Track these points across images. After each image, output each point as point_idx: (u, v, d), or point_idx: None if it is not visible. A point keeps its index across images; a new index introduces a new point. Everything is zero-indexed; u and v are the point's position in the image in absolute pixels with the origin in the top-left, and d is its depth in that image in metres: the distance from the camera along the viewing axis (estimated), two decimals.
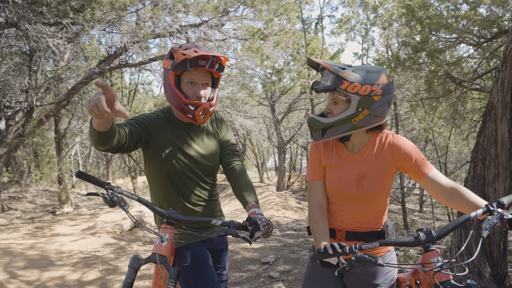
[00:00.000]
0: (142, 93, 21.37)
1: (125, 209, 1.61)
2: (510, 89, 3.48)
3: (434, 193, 1.70)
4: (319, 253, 1.43)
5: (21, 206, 9.98)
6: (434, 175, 1.68)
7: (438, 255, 1.49)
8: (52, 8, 7.15)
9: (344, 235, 1.79)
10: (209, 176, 2.05)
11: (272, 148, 31.44)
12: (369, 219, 1.78)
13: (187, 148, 1.96)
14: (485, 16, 6.38)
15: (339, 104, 1.68)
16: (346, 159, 1.78)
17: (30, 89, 10.59)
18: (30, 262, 5.07)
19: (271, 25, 10.73)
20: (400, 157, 1.70)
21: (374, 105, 1.62)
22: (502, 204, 1.45)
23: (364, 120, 1.64)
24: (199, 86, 1.85)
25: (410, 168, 1.70)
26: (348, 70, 1.63)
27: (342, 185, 1.76)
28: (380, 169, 1.72)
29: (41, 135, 16.51)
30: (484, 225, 1.38)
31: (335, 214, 1.82)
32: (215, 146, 2.09)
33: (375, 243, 1.44)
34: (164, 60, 1.90)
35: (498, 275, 3.66)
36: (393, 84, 1.70)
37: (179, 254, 1.92)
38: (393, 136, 1.75)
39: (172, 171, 1.92)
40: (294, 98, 18.00)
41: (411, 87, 10.15)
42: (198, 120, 1.86)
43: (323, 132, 1.70)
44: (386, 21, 9.22)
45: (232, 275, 4.79)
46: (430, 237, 1.42)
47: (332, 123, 1.67)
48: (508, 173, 3.57)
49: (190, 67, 1.78)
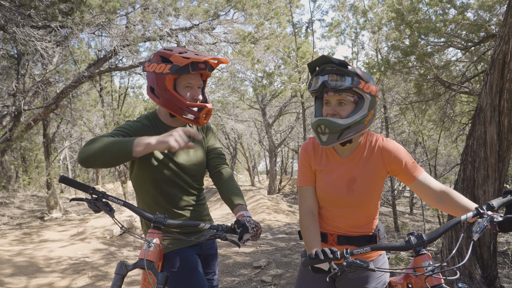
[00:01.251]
0: (132, 97, 21.27)
1: (111, 214, 1.57)
2: (498, 92, 3.53)
3: (424, 196, 1.69)
4: (311, 258, 1.41)
5: (8, 212, 9.82)
6: (424, 179, 1.68)
7: (430, 259, 1.49)
8: (40, 11, 7.07)
9: (336, 240, 1.79)
10: (196, 181, 2.04)
11: (263, 151, 31.49)
12: (360, 223, 1.78)
13: (174, 154, 1.93)
14: (472, 20, 6.48)
15: (347, 105, 1.64)
16: (336, 163, 1.77)
17: (17, 93, 10.46)
18: (18, 269, 4.98)
19: (261, 29, 10.76)
20: (390, 160, 1.70)
21: (376, 106, 1.66)
22: (492, 207, 1.45)
23: (370, 121, 1.67)
24: (196, 89, 1.86)
25: (400, 172, 1.70)
26: (358, 69, 1.63)
27: (333, 190, 1.75)
28: (371, 173, 1.72)
29: (29, 140, 16.29)
30: (475, 228, 1.38)
31: (327, 218, 1.82)
32: (201, 151, 2.08)
33: (367, 247, 1.42)
34: (151, 64, 1.84)
35: (489, 277, 3.69)
36: None
37: (168, 259, 1.90)
38: (383, 139, 1.75)
39: (159, 178, 1.90)
40: (285, 102, 18.05)
41: (400, 90, 10.25)
42: (201, 122, 1.88)
43: (341, 134, 1.63)
44: (376, 25, 9.32)
45: (224, 280, 4.75)
46: (421, 241, 1.41)
47: (349, 124, 1.61)
48: (497, 175, 3.61)
49: (192, 70, 1.78)
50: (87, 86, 15.93)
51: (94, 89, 17.56)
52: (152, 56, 1.88)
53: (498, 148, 3.59)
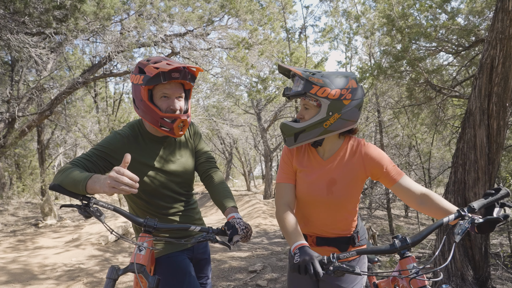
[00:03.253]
0: (127, 103, 21.22)
1: (101, 219, 1.59)
2: (487, 96, 3.59)
3: (405, 199, 1.73)
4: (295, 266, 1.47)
5: (2, 219, 9.75)
6: (404, 182, 1.71)
7: (414, 261, 1.52)
8: (34, 18, 7.08)
9: (315, 241, 1.84)
10: (184, 188, 2.05)
11: (258, 156, 31.47)
12: (338, 225, 1.82)
13: (160, 164, 1.93)
14: (463, 25, 6.58)
15: (310, 109, 1.72)
16: (316, 164, 1.81)
17: (12, 100, 10.43)
18: (12, 277, 4.96)
19: (255, 35, 10.82)
20: (371, 165, 1.74)
21: (344, 109, 1.66)
22: (472, 209, 1.48)
23: (335, 124, 1.68)
24: (173, 100, 1.82)
25: (381, 175, 1.74)
26: (317, 75, 1.67)
27: (312, 190, 1.79)
28: (350, 176, 1.76)
29: (23, 146, 16.20)
30: (456, 230, 1.41)
31: (306, 219, 1.86)
32: (189, 158, 2.07)
33: (352, 251, 1.46)
34: (131, 75, 1.85)
35: (481, 278, 3.73)
36: (362, 88, 1.75)
37: (159, 264, 1.91)
38: (364, 144, 1.78)
39: (146, 189, 1.90)
40: (279, 107, 18.11)
41: (394, 94, 10.33)
42: (176, 133, 1.83)
43: (296, 137, 1.73)
44: (368, 30, 9.41)
45: (219, 285, 4.76)
46: (405, 244, 1.45)
47: (303, 128, 1.70)
48: (487, 177, 3.67)
49: (164, 80, 1.74)
50: (81, 92, 15.90)
51: (88, 95, 17.53)
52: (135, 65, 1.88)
53: (488, 150, 3.64)
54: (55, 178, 1.66)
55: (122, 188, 1.42)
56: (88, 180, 1.54)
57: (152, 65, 1.75)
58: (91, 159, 1.77)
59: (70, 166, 1.69)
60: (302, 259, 1.47)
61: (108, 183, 1.43)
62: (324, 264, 1.44)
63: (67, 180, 1.60)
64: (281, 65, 1.76)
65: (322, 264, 1.45)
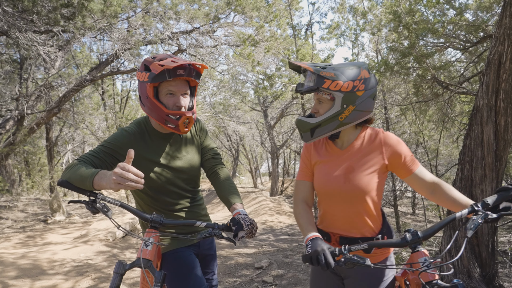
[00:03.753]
0: (134, 100, 21.32)
1: (108, 215, 1.61)
2: (494, 93, 3.56)
3: (418, 188, 1.73)
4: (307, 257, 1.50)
5: (12, 215, 9.89)
6: (419, 172, 1.70)
7: (425, 255, 1.51)
8: (42, 16, 7.14)
9: (338, 240, 1.80)
10: (190, 184, 2.06)
11: (265, 153, 31.46)
12: (359, 223, 1.76)
13: (166, 160, 1.95)
14: (471, 21, 6.51)
15: (324, 103, 1.71)
16: (334, 154, 1.81)
17: (20, 97, 10.54)
18: (22, 272, 5.03)
19: (261, 32, 10.81)
20: (390, 152, 1.71)
21: (358, 100, 1.65)
22: (487, 204, 1.47)
23: (350, 116, 1.67)
24: (178, 97, 1.83)
25: (399, 165, 1.72)
26: (328, 69, 1.66)
27: (329, 180, 1.77)
28: (368, 164, 1.73)
29: (32, 144, 16.38)
30: (469, 225, 1.40)
31: (327, 215, 1.84)
32: (195, 154, 2.09)
33: (364, 244, 1.48)
34: (137, 72, 1.86)
35: (488, 275, 3.71)
36: (375, 77, 1.73)
37: (166, 259, 1.93)
38: (383, 133, 1.76)
39: (152, 185, 1.92)
40: (286, 103, 18.07)
41: (401, 91, 10.26)
42: (181, 130, 1.84)
43: (312, 132, 1.73)
44: (375, 26, 9.34)
45: (225, 281, 4.79)
46: (416, 238, 1.45)
47: (319, 123, 1.69)
48: (494, 174, 3.64)
49: (169, 77, 1.75)
50: (89, 89, 16.00)
51: (96, 92, 17.64)
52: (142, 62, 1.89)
53: (495, 147, 3.61)
54: (63, 174, 1.68)
55: (127, 184, 1.44)
56: (94, 176, 1.56)
57: (157, 62, 1.76)
58: (98, 156, 1.79)
59: (78, 162, 1.71)
60: (314, 250, 1.50)
61: (113, 179, 1.45)
62: (336, 256, 1.47)
63: (75, 176, 1.63)
64: (292, 62, 1.75)
65: (333, 255, 1.47)
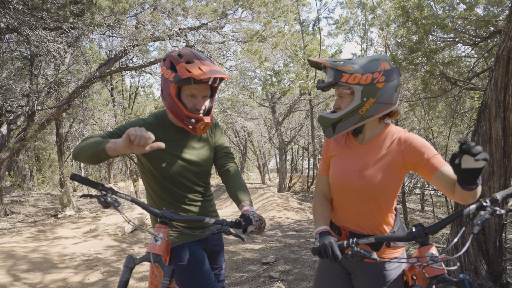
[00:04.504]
0: (143, 96, 21.47)
1: (119, 209, 1.64)
2: (503, 89, 3.53)
3: (443, 189, 1.58)
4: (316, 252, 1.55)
5: (23, 210, 10.06)
6: (445, 171, 1.56)
7: (433, 250, 1.51)
8: (52, 13, 7.22)
9: (348, 235, 1.79)
10: (202, 179, 2.09)
11: (273, 149, 31.48)
12: (371, 221, 1.74)
13: (179, 152, 1.99)
14: (481, 15, 6.42)
15: (345, 98, 1.69)
16: (353, 148, 1.79)
17: (31, 94, 10.67)
18: (33, 265, 5.13)
19: (269, 27, 10.79)
20: (410, 152, 1.65)
21: (379, 93, 1.62)
22: (495, 200, 1.45)
23: (371, 109, 1.64)
24: (199, 99, 1.88)
25: (420, 165, 1.62)
26: (347, 63, 1.65)
27: (344, 174, 1.76)
28: (386, 162, 1.69)
29: (42, 139, 16.60)
30: (476, 221, 1.38)
31: (340, 210, 1.84)
32: (208, 150, 2.12)
33: (371, 238, 1.50)
34: (162, 66, 1.90)
35: (495, 272, 3.70)
36: (397, 69, 1.68)
37: (174, 254, 1.96)
38: (406, 132, 1.72)
39: (164, 175, 1.96)
40: (294, 99, 18.04)
41: (410, 86, 10.18)
42: (198, 132, 1.92)
43: (334, 127, 1.72)
44: (384, 21, 9.27)
45: (232, 276, 4.83)
46: (422, 232, 1.46)
47: (340, 117, 1.68)
48: (502, 171, 3.61)
49: (194, 83, 1.79)
50: (98, 86, 16.16)
51: (105, 88, 17.80)
52: (166, 56, 1.91)
53: (503, 144, 3.58)
54: (77, 145, 1.73)
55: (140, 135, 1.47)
56: (108, 141, 1.60)
57: (185, 65, 1.79)
58: (112, 136, 1.83)
59: (91, 136, 1.77)
60: (322, 243, 1.53)
61: (124, 137, 1.49)
62: (344, 249, 1.49)
63: (87, 144, 1.66)
64: (311, 59, 1.75)
65: (341, 248, 1.50)
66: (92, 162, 1.67)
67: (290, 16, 11.64)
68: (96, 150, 1.60)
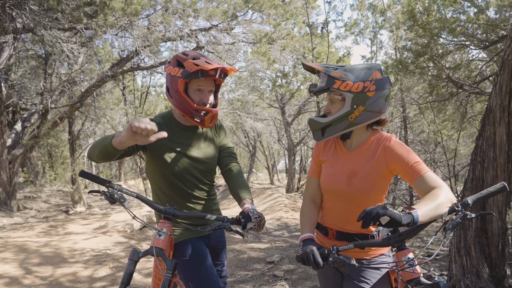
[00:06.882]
0: (154, 95, 21.67)
1: (124, 205, 1.73)
2: (508, 93, 3.54)
3: (421, 195, 1.61)
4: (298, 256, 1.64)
5: (36, 206, 10.27)
6: (426, 177, 1.59)
7: (409, 254, 1.56)
8: (66, 14, 7.41)
9: (335, 235, 1.86)
10: (207, 177, 2.16)
11: (282, 150, 31.48)
12: (355, 219, 1.77)
13: (186, 150, 2.06)
14: (492, 19, 6.39)
15: (336, 104, 1.75)
16: (341, 155, 1.86)
17: (45, 92, 10.90)
18: (44, 259, 5.26)
19: (278, 29, 10.85)
20: (392, 159, 1.71)
21: (368, 101, 1.67)
22: (467, 204, 1.48)
23: (360, 117, 1.70)
24: (206, 93, 1.97)
25: (401, 171, 1.68)
26: (339, 70, 1.70)
27: (333, 180, 1.83)
28: (372, 169, 1.75)
29: (55, 137, 16.87)
30: (448, 225, 1.43)
31: (327, 212, 1.91)
32: (213, 149, 2.19)
33: (350, 244, 1.55)
34: (168, 66, 1.99)
35: (497, 276, 3.71)
36: (388, 79, 1.73)
37: (178, 249, 2.03)
38: (390, 140, 1.75)
39: (170, 173, 2.03)
40: (303, 101, 18.06)
41: (419, 89, 10.15)
42: (206, 125, 2.00)
43: (323, 131, 1.79)
44: (394, 24, 9.27)
45: (237, 274, 4.91)
46: (397, 237, 1.51)
47: (329, 122, 1.75)
48: (506, 175, 3.63)
49: (202, 76, 1.88)
50: (110, 85, 16.37)
51: (117, 88, 18.03)
52: (171, 57, 2.01)
53: (507, 148, 3.60)
54: (91, 146, 1.83)
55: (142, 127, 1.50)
56: (113, 136, 1.68)
57: (192, 61, 1.89)
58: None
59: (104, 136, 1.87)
60: (304, 251, 1.61)
61: (127, 128, 1.55)
62: (326, 255, 1.57)
63: (97, 141, 1.76)
64: (305, 63, 1.81)
65: (323, 255, 1.58)
66: (103, 158, 1.75)
67: (299, 18, 11.69)
68: (104, 145, 1.69)
